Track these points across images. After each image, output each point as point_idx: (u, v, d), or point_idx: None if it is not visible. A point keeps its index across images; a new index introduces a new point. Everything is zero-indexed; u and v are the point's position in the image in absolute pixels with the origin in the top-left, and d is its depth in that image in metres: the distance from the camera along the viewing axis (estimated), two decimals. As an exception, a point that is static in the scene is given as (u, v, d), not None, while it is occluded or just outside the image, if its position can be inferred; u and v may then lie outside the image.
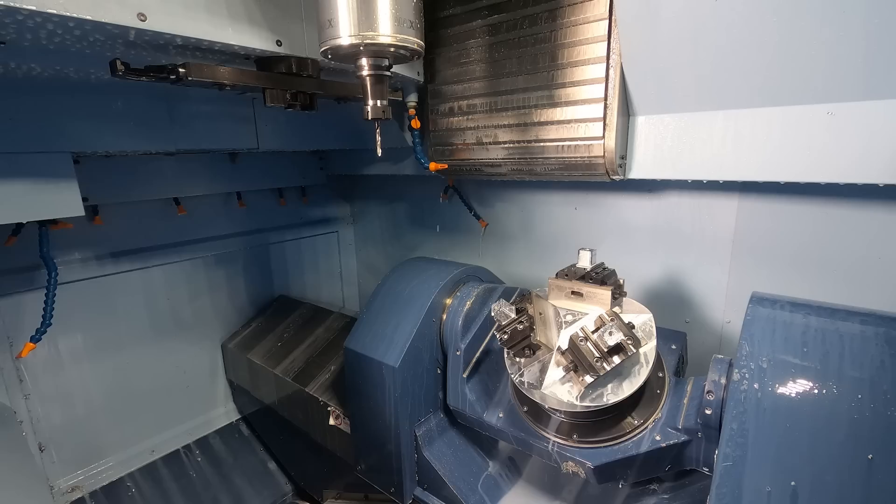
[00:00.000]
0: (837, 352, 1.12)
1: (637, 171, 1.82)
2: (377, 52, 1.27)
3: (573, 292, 1.47)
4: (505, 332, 1.50)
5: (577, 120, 1.80)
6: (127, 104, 1.92)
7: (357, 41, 1.20)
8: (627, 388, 1.36)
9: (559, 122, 1.86)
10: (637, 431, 1.44)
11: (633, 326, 1.35)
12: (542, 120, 1.90)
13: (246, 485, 3.01)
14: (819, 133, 1.44)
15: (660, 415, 1.44)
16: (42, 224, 1.95)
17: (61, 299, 2.13)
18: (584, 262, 1.53)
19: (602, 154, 1.77)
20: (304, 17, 1.50)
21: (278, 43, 1.45)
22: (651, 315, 1.47)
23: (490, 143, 2.10)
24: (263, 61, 1.54)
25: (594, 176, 1.87)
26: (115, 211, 2.56)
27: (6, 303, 2.31)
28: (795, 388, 1.12)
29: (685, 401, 1.43)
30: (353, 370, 2.03)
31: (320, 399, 2.41)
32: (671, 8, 1.49)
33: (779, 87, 1.46)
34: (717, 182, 1.69)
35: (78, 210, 1.82)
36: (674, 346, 1.57)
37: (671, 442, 1.39)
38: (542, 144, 1.93)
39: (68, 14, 1.03)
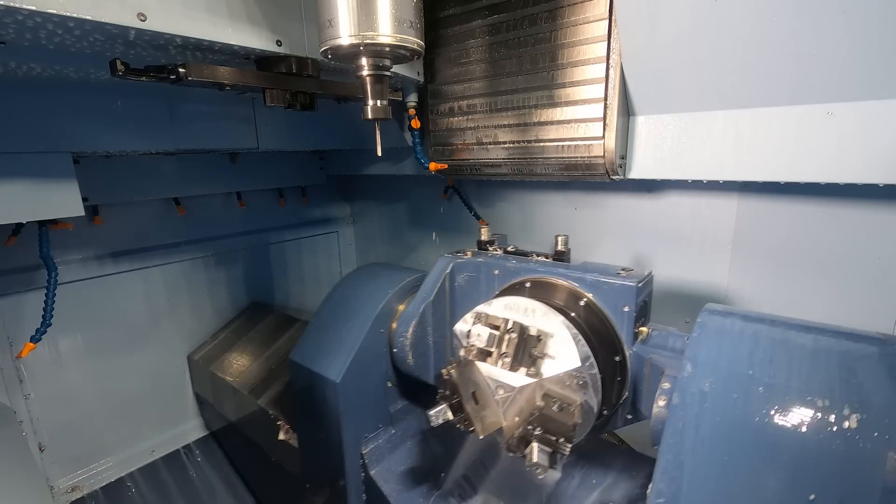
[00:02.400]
0: (784, 376, 1.00)
1: (637, 171, 1.82)
2: (377, 52, 1.27)
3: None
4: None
5: (577, 120, 1.80)
6: (127, 104, 1.92)
7: (357, 41, 1.20)
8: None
9: (559, 122, 1.86)
10: (607, 416, 1.45)
11: (564, 407, 1.24)
12: (542, 120, 1.90)
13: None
14: (819, 133, 1.44)
15: (626, 394, 1.41)
16: (42, 224, 1.94)
17: (61, 299, 2.13)
18: (481, 342, 1.36)
19: (602, 154, 1.77)
20: (304, 17, 1.50)
21: (278, 43, 1.45)
22: (576, 351, 1.26)
23: (490, 143, 2.10)
24: (263, 61, 1.54)
25: (594, 176, 1.87)
26: (115, 211, 2.56)
27: (6, 303, 2.31)
28: (737, 416, 1.00)
29: (644, 386, 1.36)
30: (298, 383, 1.92)
31: (270, 412, 2.28)
32: (671, 8, 1.49)
33: (779, 87, 1.46)
34: (717, 182, 1.69)
35: (78, 210, 1.82)
36: (626, 308, 1.38)
37: (641, 419, 1.43)
38: (542, 144, 1.93)
39: (68, 14, 1.03)
